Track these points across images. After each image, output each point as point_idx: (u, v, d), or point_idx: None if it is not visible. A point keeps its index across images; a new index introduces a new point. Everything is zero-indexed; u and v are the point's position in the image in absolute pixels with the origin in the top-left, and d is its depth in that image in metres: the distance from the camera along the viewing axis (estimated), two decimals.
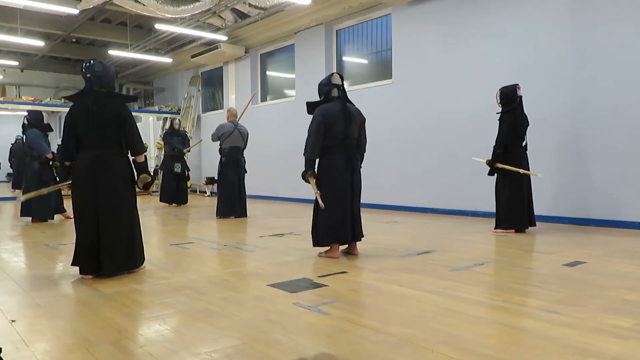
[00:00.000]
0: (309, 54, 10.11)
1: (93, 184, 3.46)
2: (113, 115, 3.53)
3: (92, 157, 3.48)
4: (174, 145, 9.70)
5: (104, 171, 3.49)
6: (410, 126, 8.13)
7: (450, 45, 7.55)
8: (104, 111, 3.49)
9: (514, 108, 5.50)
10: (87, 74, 3.55)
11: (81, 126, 3.49)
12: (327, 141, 4.12)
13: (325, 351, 2.10)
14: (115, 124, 3.53)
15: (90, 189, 3.46)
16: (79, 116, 3.49)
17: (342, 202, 4.13)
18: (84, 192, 3.48)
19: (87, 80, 3.56)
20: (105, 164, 3.50)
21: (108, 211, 3.48)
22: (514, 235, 5.38)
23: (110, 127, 3.51)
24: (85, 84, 3.59)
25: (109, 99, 3.60)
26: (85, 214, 3.48)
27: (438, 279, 3.39)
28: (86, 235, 3.48)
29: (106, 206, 3.48)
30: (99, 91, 3.56)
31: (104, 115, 3.49)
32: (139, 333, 2.39)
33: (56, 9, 8.72)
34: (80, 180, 3.50)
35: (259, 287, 3.26)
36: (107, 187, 3.49)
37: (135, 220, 3.68)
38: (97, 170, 3.47)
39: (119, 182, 3.56)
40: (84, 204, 3.49)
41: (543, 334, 2.27)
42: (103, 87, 3.59)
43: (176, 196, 9.62)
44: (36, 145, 6.92)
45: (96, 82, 3.56)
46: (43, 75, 16.17)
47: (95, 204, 3.46)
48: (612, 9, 5.84)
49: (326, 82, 4.29)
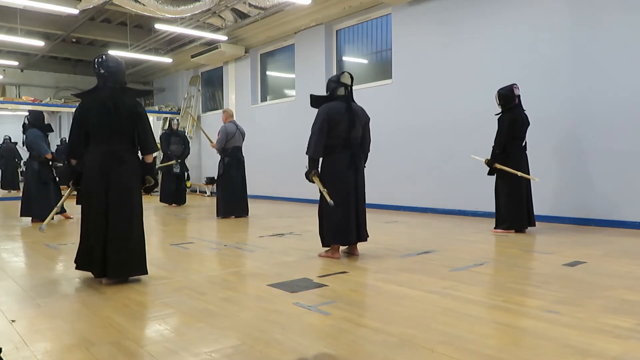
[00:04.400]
0: (309, 54, 10.11)
1: (104, 181, 3.33)
2: (128, 111, 3.41)
3: (103, 153, 3.35)
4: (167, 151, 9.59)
5: (117, 167, 3.36)
6: (410, 126, 8.13)
7: (450, 45, 7.55)
8: (119, 107, 3.38)
9: (512, 108, 5.51)
10: (101, 69, 3.42)
11: (93, 121, 3.35)
12: (331, 140, 4.11)
13: (325, 351, 2.10)
14: (130, 120, 3.42)
15: (101, 184, 3.32)
16: (92, 112, 3.36)
17: (347, 202, 4.12)
18: (94, 188, 3.34)
19: (101, 76, 3.43)
20: (118, 159, 3.37)
21: (120, 211, 3.34)
22: (513, 235, 5.38)
23: (124, 123, 3.40)
24: (99, 80, 3.46)
25: (124, 94, 3.49)
26: (96, 212, 3.33)
27: (438, 279, 3.39)
28: (94, 236, 3.32)
29: (118, 205, 3.33)
30: (115, 87, 3.44)
31: (119, 111, 3.37)
32: (139, 333, 2.39)
33: (56, 9, 8.72)
34: (90, 176, 3.36)
35: (259, 287, 3.26)
36: (120, 184, 3.35)
37: (141, 223, 3.53)
38: (109, 165, 3.34)
39: (132, 181, 3.44)
40: (94, 200, 3.34)
41: (543, 334, 2.27)
42: (117, 83, 3.46)
43: (175, 196, 9.61)
44: (36, 145, 6.92)
45: (110, 77, 3.43)
46: (43, 75, 16.17)
47: (106, 202, 3.32)
48: (612, 9, 5.84)
49: (335, 79, 4.28)
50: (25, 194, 7.10)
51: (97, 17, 11.99)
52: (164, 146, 9.71)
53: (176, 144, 9.71)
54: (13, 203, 10.24)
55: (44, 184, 6.99)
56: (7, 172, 15.64)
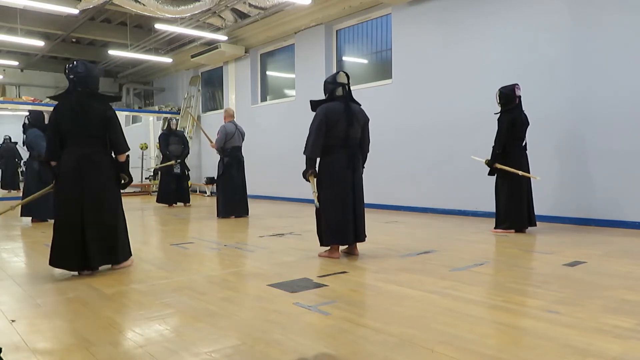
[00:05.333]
0: (309, 54, 10.11)
1: (79, 182, 3.56)
2: (97, 115, 3.63)
3: (78, 155, 3.58)
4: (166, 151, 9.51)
5: (90, 169, 3.60)
6: (410, 126, 8.13)
7: (450, 45, 7.55)
8: (88, 111, 3.60)
9: (512, 108, 5.50)
10: (70, 74, 3.66)
11: (66, 125, 3.59)
12: (329, 140, 4.10)
13: (325, 351, 2.10)
14: (100, 124, 3.64)
15: (76, 186, 3.56)
16: (64, 115, 3.60)
17: (345, 202, 4.12)
18: (70, 189, 3.57)
19: (70, 80, 3.67)
20: (92, 162, 3.61)
21: (94, 207, 3.59)
22: (514, 235, 5.38)
23: (95, 126, 3.63)
24: (69, 84, 3.69)
25: (92, 99, 3.70)
26: (72, 211, 3.55)
27: (438, 279, 3.39)
28: (71, 232, 3.54)
29: (92, 202, 3.58)
30: (83, 91, 3.67)
31: (88, 115, 3.60)
32: (139, 333, 2.39)
33: (56, 9, 8.72)
34: (66, 178, 3.59)
35: (259, 287, 3.26)
36: (93, 184, 3.60)
37: (119, 217, 3.78)
38: (83, 167, 3.58)
39: (105, 180, 3.68)
40: (70, 200, 3.57)
41: (543, 334, 2.27)
42: (87, 87, 3.69)
43: (178, 196, 9.51)
44: (36, 144, 6.92)
45: (79, 82, 3.66)
46: (43, 75, 16.17)
47: (81, 201, 3.55)
48: (612, 10, 5.84)
49: (331, 80, 4.27)
50: (25, 194, 7.10)
51: (97, 17, 11.99)
52: (163, 147, 9.61)
53: (175, 144, 9.58)
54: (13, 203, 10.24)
55: (44, 184, 6.97)
56: (7, 172, 15.63)
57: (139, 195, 13.22)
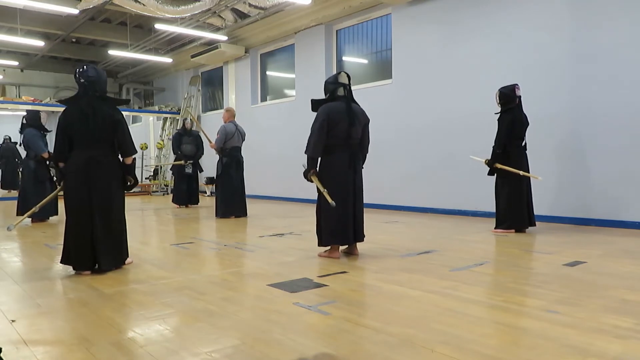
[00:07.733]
0: (309, 54, 10.11)
1: (87, 183, 3.63)
2: (106, 118, 3.69)
3: (86, 157, 3.64)
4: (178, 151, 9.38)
5: (98, 170, 3.66)
6: (410, 126, 8.13)
7: (450, 45, 7.55)
8: (98, 114, 3.66)
9: (512, 108, 5.50)
10: (81, 79, 3.70)
11: (75, 128, 3.65)
12: (330, 140, 4.11)
13: (325, 351, 2.10)
14: (108, 127, 3.70)
15: (85, 187, 3.63)
16: (74, 119, 3.66)
17: (345, 202, 4.11)
18: (79, 190, 3.63)
19: (81, 85, 3.72)
20: (99, 164, 3.67)
21: (102, 208, 3.66)
22: (514, 235, 5.38)
23: (104, 129, 3.69)
24: (79, 88, 3.74)
25: (102, 102, 3.76)
26: (81, 211, 3.62)
27: (438, 279, 3.39)
28: (81, 232, 3.61)
29: (100, 204, 3.65)
30: (93, 95, 3.72)
31: (98, 119, 3.65)
32: (139, 333, 2.39)
33: (56, 9, 8.72)
34: (75, 179, 3.65)
35: (259, 287, 3.26)
36: (101, 185, 3.67)
37: (123, 217, 3.90)
38: (91, 169, 3.64)
39: (112, 181, 3.76)
40: (79, 201, 3.63)
41: (543, 334, 2.27)
42: (97, 91, 3.75)
43: (187, 197, 9.42)
44: (33, 144, 6.93)
45: (90, 86, 3.71)
46: (43, 75, 16.17)
47: (90, 201, 3.62)
48: (612, 9, 5.84)
49: (332, 80, 4.28)
50: (21, 193, 7.11)
51: (97, 17, 11.99)
52: (174, 146, 9.49)
53: (188, 143, 9.41)
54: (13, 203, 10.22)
55: (41, 183, 7.00)
56: (7, 172, 15.63)
57: (139, 195, 13.22)
